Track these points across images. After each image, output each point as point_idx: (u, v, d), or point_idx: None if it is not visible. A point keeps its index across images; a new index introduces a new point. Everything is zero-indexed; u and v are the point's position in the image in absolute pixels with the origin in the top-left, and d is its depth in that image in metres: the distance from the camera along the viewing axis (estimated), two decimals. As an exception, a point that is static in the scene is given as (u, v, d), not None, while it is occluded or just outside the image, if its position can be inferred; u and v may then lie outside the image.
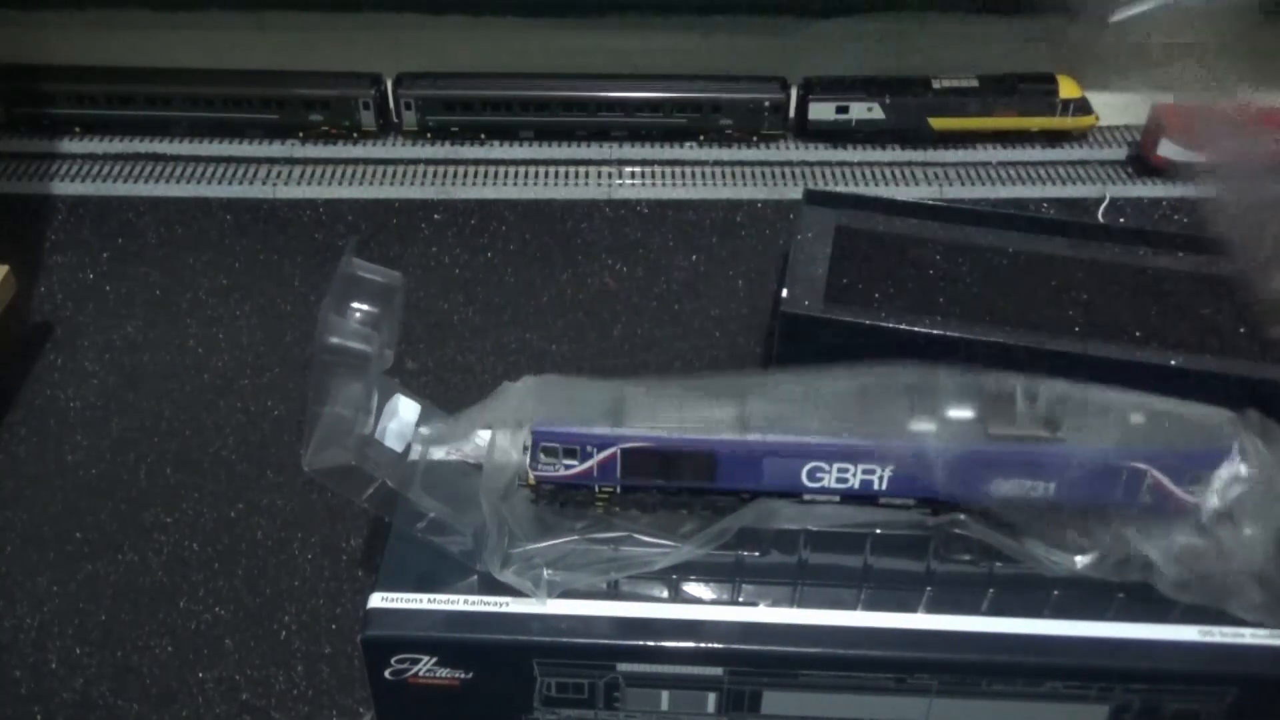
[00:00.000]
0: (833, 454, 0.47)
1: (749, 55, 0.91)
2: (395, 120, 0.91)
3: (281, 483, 0.66)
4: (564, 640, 0.46)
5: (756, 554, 0.48)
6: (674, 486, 0.48)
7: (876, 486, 0.47)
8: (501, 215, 0.85)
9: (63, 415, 0.70)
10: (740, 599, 0.47)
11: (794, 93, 0.91)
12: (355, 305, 0.49)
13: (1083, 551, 0.47)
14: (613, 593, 0.47)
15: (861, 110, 0.89)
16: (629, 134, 0.91)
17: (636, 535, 0.48)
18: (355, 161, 0.90)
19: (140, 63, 0.90)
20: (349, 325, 0.48)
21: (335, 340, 0.47)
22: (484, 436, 0.50)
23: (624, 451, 0.47)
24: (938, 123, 0.90)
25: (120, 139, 0.90)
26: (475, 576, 0.47)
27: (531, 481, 0.48)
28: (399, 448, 0.49)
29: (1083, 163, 0.91)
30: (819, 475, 0.47)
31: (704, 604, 0.47)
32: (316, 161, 0.90)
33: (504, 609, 0.46)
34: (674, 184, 0.89)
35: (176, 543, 0.63)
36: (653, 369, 0.73)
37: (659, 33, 0.91)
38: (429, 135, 0.90)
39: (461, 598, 0.47)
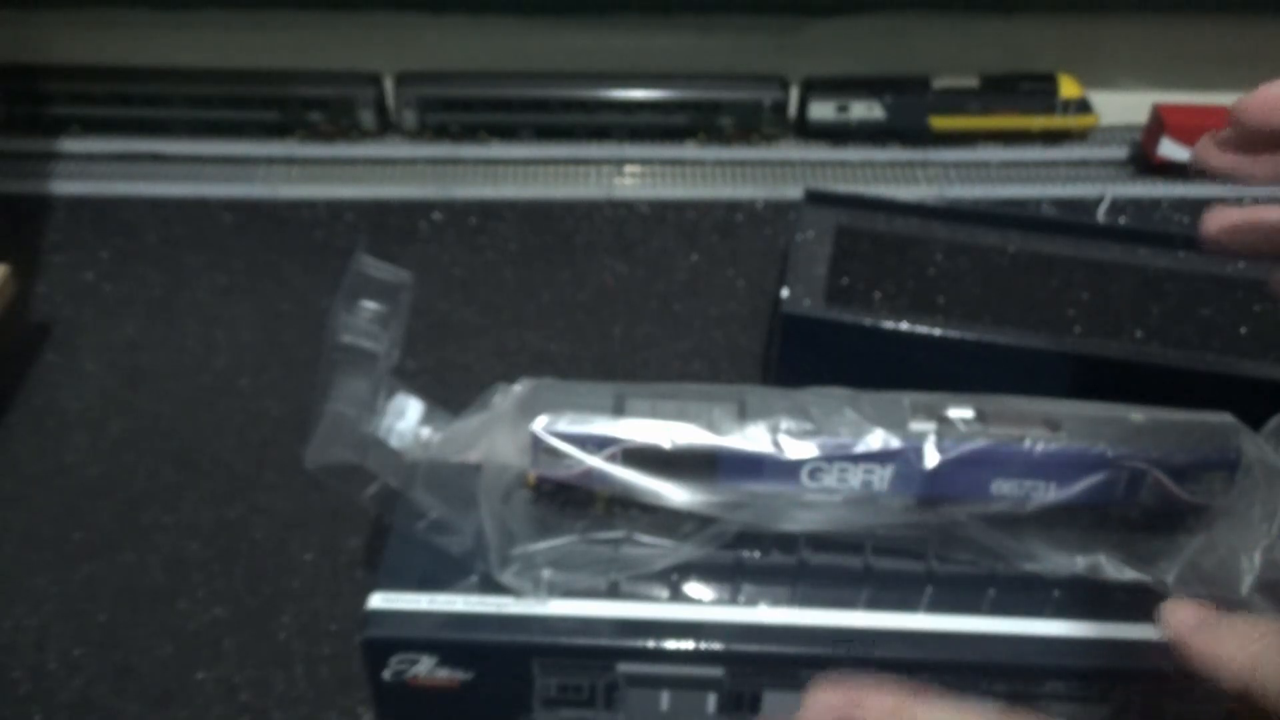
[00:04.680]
0: (833, 454, 0.47)
1: (749, 55, 0.91)
2: (395, 120, 0.91)
3: (281, 483, 0.66)
4: (564, 641, 0.46)
5: (756, 554, 0.48)
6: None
7: (876, 486, 0.47)
8: (501, 215, 0.85)
9: (62, 415, 0.70)
10: (740, 599, 0.47)
11: (794, 92, 0.91)
12: (365, 304, 0.49)
13: (1083, 551, 0.47)
14: (613, 593, 0.47)
15: (861, 110, 0.89)
16: (629, 133, 0.91)
17: (636, 535, 0.48)
18: (355, 161, 0.90)
19: (140, 63, 0.90)
20: (359, 323, 0.48)
21: (347, 339, 0.48)
22: (484, 437, 0.50)
23: (624, 451, 0.47)
24: (938, 122, 0.90)
25: (120, 139, 0.90)
26: (475, 576, 0.47)
27: (531, 481, 0.48)
28: (401, 447, 0.49)
29: (1083, 163, 0.91)
30: (819, 475, 0.47)
31: (704, 604, 0.47)
32: (316, 161, 0.90)
33: (504, 609, 0.46)
34: (674, 184, 0.89)
35: (176, 543, 0.63)
36: (653, 369, 0.73)
37: (659, 33, 0.91)
38: (429, 135, 0.90)
39: (461, 598, 0.47)
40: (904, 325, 0.62)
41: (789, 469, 0.47)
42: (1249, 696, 0.35)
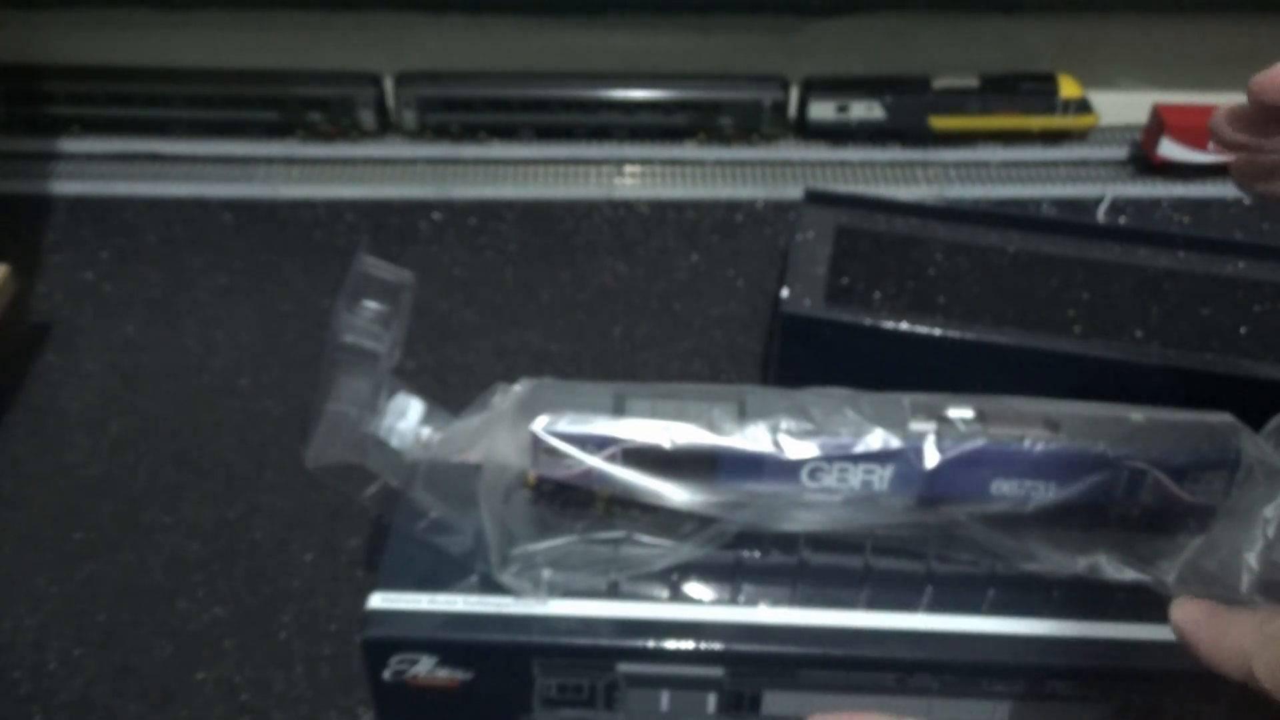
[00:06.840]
0: (833, 454, 0.47)
1: (749, 55, 0.91)
2: (395, 120, 0.91)
3: (281, 483, 0.66)
4: (564, 640, 0.46)
5: (756, 554, 0.48)
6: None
7: (876, 486, 0.47)
8: (501, 215, 0.85)
9: (62, 415, 0.70)
10: (740, 599, 0.47)
11: (794, 92, 0.91)
12: (366, 303, 0.49)
13: (1083, 551, 0.47)
14: (613, 593, 0.47)
15: (861, 110, 0.89)
16: (629, 133, 0.91)
17: (636, 535, 0.48)
18: (355, 161, 0.90)
19: (140, 62, 0.90)
20: (360, 323, 0.48)
21: (349, 338, 0.48)
22: (484, 437, 0.50)
23: (624, 451, 0.47)
24: (938, 122, 0.90)
25: (120, 139, 0.90)
26: (475, 576, 0.47)
27: (531, 481, 0.48)
28: (401, 447, 0.49)
29: (1083, 163, 0.91)
30: (819, 475, 0.47)
31: (704, 604, 0.47)
32: (316, 161, 0.90)
33: (504, 609, 0.46)
34: (674, 184, 0.89)
35: (176, 543, 0.63)
36: (653, 369, 0.73)
37: (659, 33, 0.91)
38: (429, 135, 0.90)
39: (461, 598, 0.47)
40: (904, 325, 0.62)
41: (789, 469, 0.47)
42: (1252, 685, 0.37)
